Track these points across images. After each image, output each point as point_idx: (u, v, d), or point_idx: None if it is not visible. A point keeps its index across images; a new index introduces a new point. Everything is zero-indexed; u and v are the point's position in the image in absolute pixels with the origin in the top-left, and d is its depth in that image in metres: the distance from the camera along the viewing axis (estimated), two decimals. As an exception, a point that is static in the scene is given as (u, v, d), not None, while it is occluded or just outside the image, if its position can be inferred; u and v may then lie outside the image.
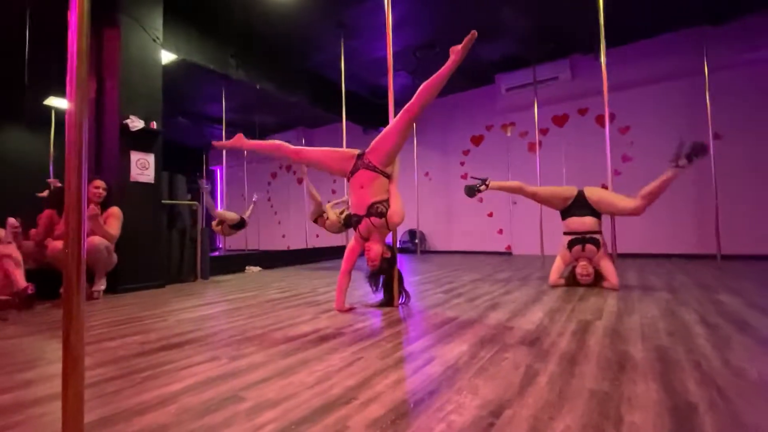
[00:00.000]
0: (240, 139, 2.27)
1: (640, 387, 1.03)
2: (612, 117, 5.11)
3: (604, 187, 2.99)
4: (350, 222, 4.12)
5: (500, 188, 3.01)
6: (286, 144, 2.23)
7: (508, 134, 6.12)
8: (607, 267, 2.64)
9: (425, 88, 1.88)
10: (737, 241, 4.40)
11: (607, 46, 3.13)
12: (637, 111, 5.10)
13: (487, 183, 2.97)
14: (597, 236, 2.69)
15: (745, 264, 3.89)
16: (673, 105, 4.88)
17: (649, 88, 4.99)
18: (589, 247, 2.68)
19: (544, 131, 5.76)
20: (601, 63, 3.17)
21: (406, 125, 1.97)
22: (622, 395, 0.99)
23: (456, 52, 1.84)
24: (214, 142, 2.43)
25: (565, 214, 2.83)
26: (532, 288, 2.73)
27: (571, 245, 2.76)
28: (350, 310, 2.14)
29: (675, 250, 4.81)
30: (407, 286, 2.32)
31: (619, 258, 2.98)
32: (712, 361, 1.21)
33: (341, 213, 4.30)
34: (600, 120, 5.32)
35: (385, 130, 2.06)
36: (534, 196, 2.93)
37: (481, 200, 6.35)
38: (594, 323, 1.72)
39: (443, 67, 1.84)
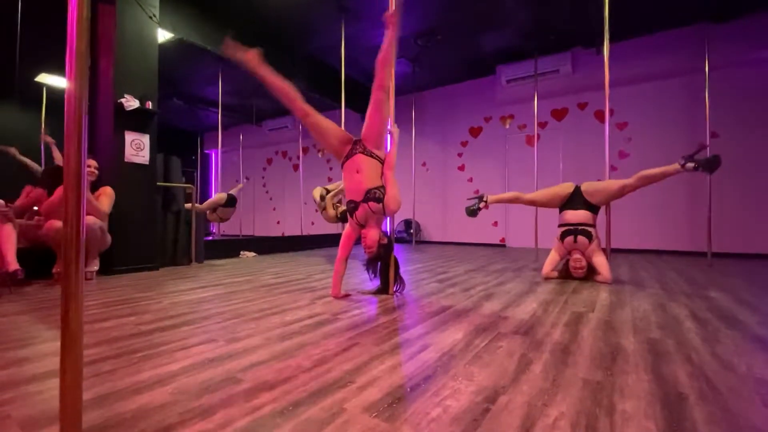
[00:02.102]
0: (255, 57, 2.03)
1: (632, 377, 1.05)
2: (611, 112, 5.11)
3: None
4: (346, 218, 4.10)
5: (498, 201, 3.06)
6: (298, 96, 2.08)
7: (507, 126, 6.11)
8: (600, 261, 2.67)
9: (379, 63, 1.98)
10: (728, 239, 4.46)
11: (609, 41, 3.11)
12: (635, 107, 5.09)
13: (485, 200, 3.00)
14: (590, 229, 2.72)
15: (734, 262, 3.96)
16: (672, 102, 4.88)
17: (649, 84, 4.98)
18: (581, 238, 2.71)
19: (542, 125, 5.75)
20: (602, 57, 3.15)
21: (382, 101, 2.03)
22: (614, 385, 1.00)
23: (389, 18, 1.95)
24: (227, 45, 2.08)
25: (562, 208, 2.86)
26: (526, 280, 2.76)
27: (563, 236, 2.79)
28: (346, 296, 2.15)
29: (666, 247, 4.87)
30: (402, 274, 2.33)
31: (612, 253, 3.01)
32: (702, 354, 1.24)
33: (338, 208, 4.25)
34: (599, 115, 5.32)
35: (367, 115, 2.10)
36: (533, 203, 2.96)
37: (477, 192, 6.36)
38: (587, 315, 1.74)
39: (385, 39, 1.96)
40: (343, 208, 4.16)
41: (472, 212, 3.02)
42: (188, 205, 3.84)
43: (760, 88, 4.38)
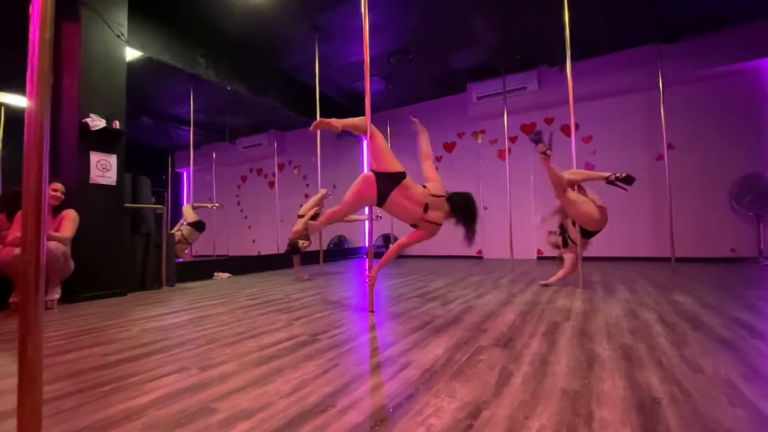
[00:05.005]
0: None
1: (608, 384, 1.08)
2: (576, 127, 5.36)
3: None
4: (294, 249, 3.77)
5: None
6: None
7: (479, 141, 6.28)
8: (566, 258, 3.01)
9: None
10: (689, 244, 4.71)
11: (571, 60, 3.29)
12: (598, 121, 5.36)
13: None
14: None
15: (696, 266, 4.17)
16: (632, 116, 5.18)
17: (610, 100, 5.28)
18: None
19: (513, 139, 5.94)
20: (566, 75, 3.32)
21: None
22: (591, 393, 1.03)
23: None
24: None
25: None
26: (504, 291, 2.80)
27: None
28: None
29: (633, 254, 5.08)
30: (382, 291, 2.32)
31: (584, 261, 3.12)
32: (672, 358, 1.29)
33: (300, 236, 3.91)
34: (565, 129, 5.56)
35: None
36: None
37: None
38: (563, 324, 1.78)
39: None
40: (306, 242, 3.93)
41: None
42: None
43: (709, 103, 4.72)
